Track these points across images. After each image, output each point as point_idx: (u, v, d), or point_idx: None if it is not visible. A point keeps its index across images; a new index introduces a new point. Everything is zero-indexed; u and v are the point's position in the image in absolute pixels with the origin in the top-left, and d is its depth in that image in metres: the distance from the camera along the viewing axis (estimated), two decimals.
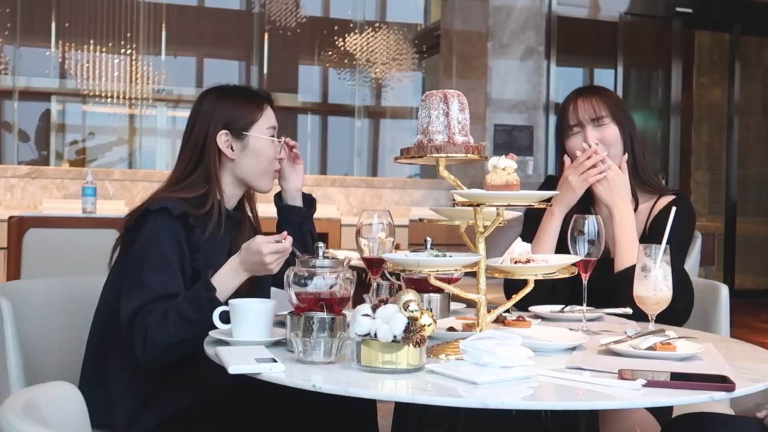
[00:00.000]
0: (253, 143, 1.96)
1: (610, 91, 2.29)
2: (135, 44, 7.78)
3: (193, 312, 1.68)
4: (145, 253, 1.76)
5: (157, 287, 1.72)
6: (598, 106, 2.17)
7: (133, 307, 1.70)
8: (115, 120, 7.86)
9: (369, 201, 6.13)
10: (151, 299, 1.70)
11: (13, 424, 1.02)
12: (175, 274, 1.77)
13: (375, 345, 1.33)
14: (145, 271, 1.74)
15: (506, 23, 6.26)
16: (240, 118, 1.96)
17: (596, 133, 2.15)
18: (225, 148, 1.93)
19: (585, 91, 2.23)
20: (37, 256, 3.48)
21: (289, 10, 8.53)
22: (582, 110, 2.17)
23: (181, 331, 1.67)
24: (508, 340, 1.40)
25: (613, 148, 2.15)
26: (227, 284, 1.75)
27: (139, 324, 1.68)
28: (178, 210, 1.80)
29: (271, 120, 2.00)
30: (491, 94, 6.21)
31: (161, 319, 1.67)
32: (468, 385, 1.28)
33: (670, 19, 7.08)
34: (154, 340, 1.67)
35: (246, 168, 1.96)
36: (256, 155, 1.96)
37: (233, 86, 2.06)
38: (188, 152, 1.95)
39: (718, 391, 1.27)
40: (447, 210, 1.68)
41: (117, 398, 1.80)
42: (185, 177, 1.93)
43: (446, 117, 1.54)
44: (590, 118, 2.16)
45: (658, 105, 7.72)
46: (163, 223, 1.78)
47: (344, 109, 9.27)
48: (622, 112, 2.19)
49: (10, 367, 1.76)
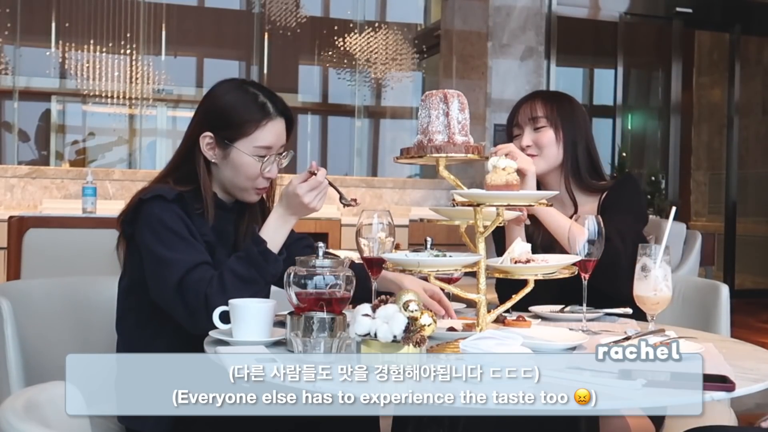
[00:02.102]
0: (235, 156, 1.81)
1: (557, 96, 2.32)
2: (135, 44, 7.77)
3: (249, 270, 1.67)
4: (156, 238, 1.71)
5: (187, 259, 1.68)
6: (535, 109, 2.23)
7: (174, 284, 1.66)
8: (115, 120, 7.85)
9: (369, 201, 6.13)
10: (187, 270, 1.67)
11: (13, 424, 1.02)
12: (197, 245, 1.73)
13: (375, 345, 1.33)
14: (165, 252, 1.69)
15: (506, 23, 6.26)
16: (230, 125, 1.81)
17: (532, 135, 2.23)
18: (206, 151, 1.83)
19: (532, 95, 2.32)
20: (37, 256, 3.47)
21: (289, 10, 8.52)
22: (522, 113, 2.26)
23: (240, 291, 1.64)
24: (508, 340, 1.40)
25: (546, 150, 2.20)
26: (277, 234, 1.74)
27: (192, 296, 1.65)
28: (173, 194, 1.76)
29: (269, 139, 1.82)
30: (491, 94, 6.20)
31: (218, 284, 1.65)
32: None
33: (670, 19, 7.08)
34: (216, 304, 1.62)
35: (225, 177, 1.85)
36: (236, 169, 1.82)
37: (251, 85, 1.89)
38: (183, 143, 1.89)
39: (718, 391, 1.27)
40: (447, 210, 1.68)
41: None
42: (176, 170, 1.87)
43: (446, 117, 1.54)
44: (528, 118, 2.24)
45: (658, 105, 7.72)
46: (159, 207, 1.74)
47: (344, 109, 9.27)
48: (562, 117, 2.23)
49: (10, 367, 1.76)
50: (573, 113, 2.26)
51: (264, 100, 1.84)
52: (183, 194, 1.78)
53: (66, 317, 2.02)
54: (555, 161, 2.22)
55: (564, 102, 2.28)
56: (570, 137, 2.22)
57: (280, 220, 1.76)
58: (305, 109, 9.62)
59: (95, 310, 2.07)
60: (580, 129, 2.25)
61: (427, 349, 1.40)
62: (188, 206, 1.79)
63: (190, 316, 1.68)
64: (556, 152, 2.21)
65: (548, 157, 2.21)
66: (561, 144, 2.22)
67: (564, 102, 2.28)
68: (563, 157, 2.22)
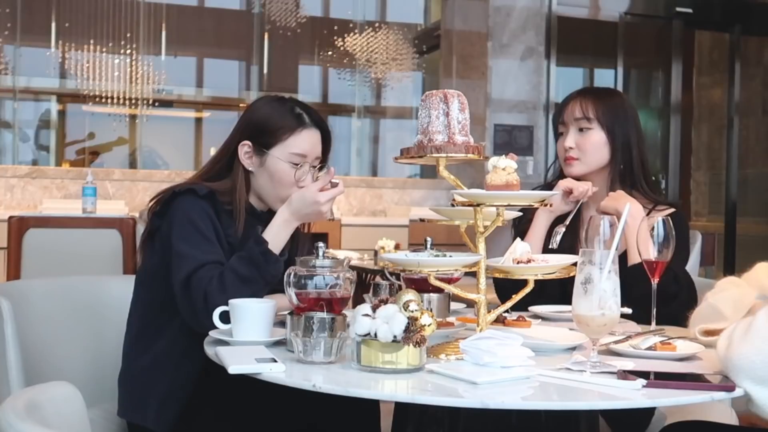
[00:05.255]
0: (271, 163, 1.88)
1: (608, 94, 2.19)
2: (135, 44, 7.77)
3: (249, 269, 1.69)
4: (178, 233, 1.76)
5: (199, 256, 1.72)
6: (587, 108, 2.11)
7: (183, 276, 1.70)
8: (115, 120, 7.85)
9: (369, 201, 6.13)
10: (196, 267, 1.70)
11: (13, 424, 1.02)
12: (215, 245, 1.76)
13: (375, 345, 1.33)
14: (183, 246, 1.73)
15: (506, 23, 6.26)
16: (267, 133, 1.88)
17: (577, 137, 2.13)
18: (244, 159, 1.89)
19: (582, 91, 2.18)
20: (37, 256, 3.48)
21: (289, 10, 8.52)
22: (569, 111, 2.15)
23: (240, 290, 1.66)
24: (508, 340, 1.40)
25: (590, 155, 2.11)
26: (279, 236, 1.77)
27: (195, 291, 1.68)
28: (205, 190, 1.80)
29: (303, 146, 1.88)
30: (491, 94, 6.20)
31: (218, 282, 1.67)
32: (468, 385, 1.28)
33: (670, 19, 7.08)
34: (215, 302, 1.64)
35: (261, 185, 1.91)
36: (271, 177, 1.88)
37: (287, 98, 1.96)
38: (220, 152, 1.95)
39: (718, 391, 1.27)
40: (447, 210, 1.68)
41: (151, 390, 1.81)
42: (212, 175, 1.92)
43: (446, 117, 1.54)
44: (574, 118, 2.13)
45: (658, 105, 7.71)
46: (189, 202, 1.79)
47: (344, 109, 9.27)
48: (616, 119, 2.11)
49: (10, 367, 1.75)
50: (625, 114, 2.13)
51: (300, 111, 1.92)
52: (215, 192, 1.82)
53: (66, 317, 2.02)
54: (596, 165, 2.12)
55: (616, 100, 2.16)
56: (621, 140, 2.11)
57: (285, 223, 1.79)
58: None
59: (95, 310, 2.07)
60: (632, 131, 2.12)
61: (427, 349, 1.40)
62: (218, 204, 1.83)
63: (192, 312, 1.70)
64: (600, 156, 2.11)
65: (589, 162, 2.11)
66: (608, 148, 2.11)
67: (616, 100, 2.16)
68: (610, 161, 2.11)
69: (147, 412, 1.80)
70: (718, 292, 1.60)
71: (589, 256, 1.36)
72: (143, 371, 1.83)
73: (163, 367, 1.82)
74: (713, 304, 1.56)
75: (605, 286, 1.34)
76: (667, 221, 1.76)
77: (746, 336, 1.26)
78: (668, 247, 1.75)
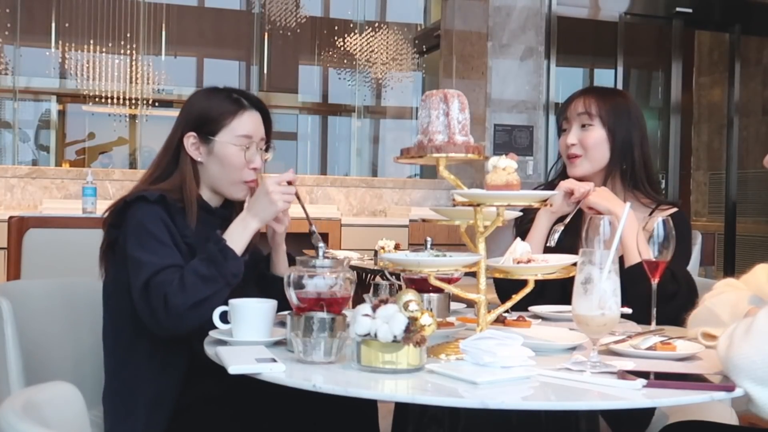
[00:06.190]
0: (219, 149, 1.89)
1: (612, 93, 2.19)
2: (135, 44, 7.77)
3: (208, 268, 1.68)
4: (134, 240, 1.76)
5: (157, 261, 1.71)
6: (589, 105, 2.12)
7: (141, 282, 1.69)
8: (115, 120, 7.85)
9: (369, 201, 6.13)
10: (154, 272, 1.69)
11: (13, 424, 1.02)
12: (171, 249, 1.76)
13: (375, 345, 1.33)
14: (139, 253, 1.73)
15: (506, 23, 6.26)
16: (210, 121, 1.89)
17: (579, 134, 2.13)
18: (192, 151, 1.90)
19: (586, 89, 2.19)
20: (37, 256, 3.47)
21: (289, 10, 8.52)
22: (572, 107, 2.15)
23: (199, 289, 1.66)
24: (508, 340, 1.40)
25: (593, 151, 2.11)
26: (236, 234, 1.76)
27: (155, 294, 1.67)
28: (155, 195, 1.80)
29: (247, 127, 1.91)
30: (491, 94, 6.20)
31: (178, 283, 1.67)
32: (468, 385, 1.28)
33: (670, 19, 7.08)
34: (174, 303, 1.65)
35: (212, 174, 1.91)
36: (221, 162, 1.89)
37: (222, 88, 1.97)
38: (164, 150, 1.95)
39: (718, 391, 1.27)
40: (447, 210, 1.68)
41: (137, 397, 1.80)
42: (159, 175, 1.92)
43: (446, 117, 1.54)
44: (577, 114, 2.13)
45: (658, 105, 7.71)
46: (141, 209, 1.78)
47: (344, 109, 9.27)
48: (618, 118, 2.11)
49: (10, 367, 1.75)
50: (628, 113, 2.13)
51: (237, 96, 1.94)
52: (165, 195, 1.82)
53: (66, 317, 2.02)
54: (600, 164, 2.12)
55: (618, 100, 2.15)
56: (621, 139, 2.10)
57: (241, 222, 1.79)
58: (305, 109, 9.62)
59: (95, 310, 2.07)
60: (634, 131, 2.12)
61: (427, 349, 1.40)
62: (171, 206, 1.82)
63: (151, 316, 1.69)
64: (602, 154, 2.11)
65: (593, 159, 2.11)
66: (609, 146, 2.10)
67: (618, 100, 2.15)
68: (610, 160, 2.11)
69: (135, 425, 1.78)
70: (715, 295, 1.60)
71: (589, 256, 1.36)
72: (125, 384, 1.81)
73: (145, 377, 1.79)
74: (710, 307, 1.56)
75: (605, 286, 1.33)
76: (668, 221, 1.76)
77: (747, 336, 1.26)
78: (668, 247, 1.75)
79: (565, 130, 2.17)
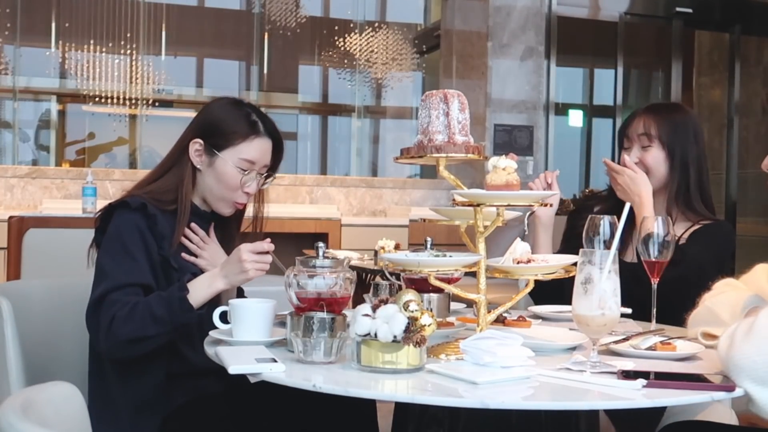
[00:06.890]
0: (219, 165, 1.89)
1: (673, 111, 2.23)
2: (135, 44, 7.77)
3: (162, 309, 1.66)
4: (106, 247, 1.77)
5: (119, 276, 1.71)
6: (648, 125, 2.17)
7: (96, 296, 1.69)
8: (115, 120, 7.85)
9: (369, 201, 6.13)
10: (113, 287, 1.69)
11: (13, 424, 1.02)
12: (138, 264, 1.75)
13: (375, 345, 1.33)
14: (105, 262, 1.74)
15: (506, 23, 6.26)
16: (220, 135, 1.90)
17: (639, 153, 2.18)
18: (194, 157, 1.91)
19: (647, 108, 2.24)
20: (37, 256, 3.47)
21: (289, 10, 8.52)
22: (633, 127, 2.20)
23: (146, 326, 1.65)
24: (508, 340, 1.40)
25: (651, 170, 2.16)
26: (201, 289, 1.72)
27: (104, 314, 1.67)
28: (137, 202, 1.81)
29: (253, 154, 1.90)
30: (491, 94, 6.20)
31: (129, 311, 1.66)
32: (468, 385, 1.28)
33: (670, 19, 7.08)
34: (118, 332, 1.65)
35: (206, 184, 1.92)
36: (218, 178, 1.90)
37: (245, 104, 1.97)
38: (174, 147, 1.96)
39: (718, 391, 1.27)
40: (447, 210, 1.68)
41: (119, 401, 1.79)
42: (162, 173, 1.93)
43: (446, 117, 1.54)
44: (637, 135, 2.19)
45: None
46: (121, 217, 1.79)
47: (344, 109, 9.26)
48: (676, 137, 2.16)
49: (10, 367, 1.75)
50: (686, 133, 2.18)
51: (255, 119, 1.93)
52: (146, 203, 1.82)
53: (66, 317, 2.01)
54: (659, 183, 2.17)
55: (679, 120, 2.20)
56: (680, 160, 2.16)
57: (208, 278, 1.75)
58: (305, 109, 9.62)
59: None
60: (692, 151, 2.17)
61: (427, 349, 1.40)
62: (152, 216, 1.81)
63: (95, 331, 1.70)
64: (662, 174, 2.17)
65: (653, 178, 2.16)
66: (668, 165, 2.16)
67: (679, 120, 2.20)
68: (669, 179, 2.17)
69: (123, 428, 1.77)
70: (715, 295, 1.60)
71: (589, 256, 1.35)
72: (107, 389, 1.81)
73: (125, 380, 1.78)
74: (710, 307, 1.57)
75: (605, 286, 1.33)
76: (667, 220, 1.76)
77: (748, 336, 1.26)
78: (668, 247, 1.75)
79: (627, 148, 2.22)
